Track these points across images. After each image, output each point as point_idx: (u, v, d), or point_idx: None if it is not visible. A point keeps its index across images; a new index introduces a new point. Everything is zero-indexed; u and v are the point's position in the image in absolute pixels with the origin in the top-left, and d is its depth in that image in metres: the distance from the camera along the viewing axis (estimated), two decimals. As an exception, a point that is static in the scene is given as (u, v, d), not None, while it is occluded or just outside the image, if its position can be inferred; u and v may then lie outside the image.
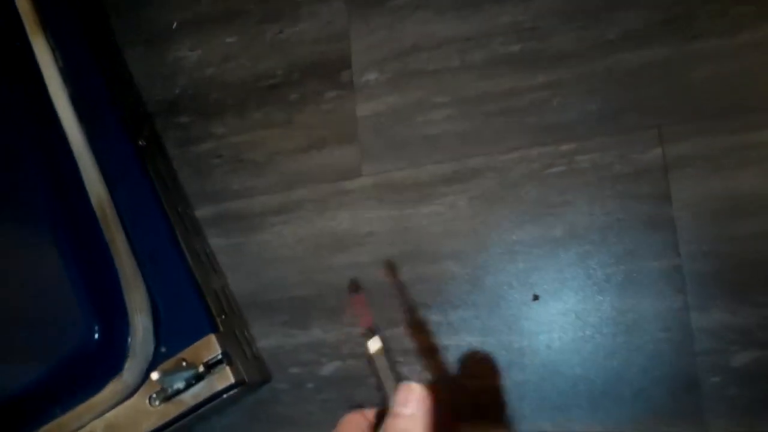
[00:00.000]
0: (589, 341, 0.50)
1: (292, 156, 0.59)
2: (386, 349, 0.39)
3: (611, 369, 0.50)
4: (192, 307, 0.52)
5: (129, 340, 0.51)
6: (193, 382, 0.50)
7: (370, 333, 0.41)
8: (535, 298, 0.51)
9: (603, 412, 0.49)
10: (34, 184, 0.55)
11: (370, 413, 0.39)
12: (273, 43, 0.61)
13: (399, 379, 0.36)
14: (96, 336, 0.51)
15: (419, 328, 0.53)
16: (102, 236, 0.53)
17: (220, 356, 0.50)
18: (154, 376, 0.47)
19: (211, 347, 0.50)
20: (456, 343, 0.52)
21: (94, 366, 0.51)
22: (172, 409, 0.50)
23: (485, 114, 0.54)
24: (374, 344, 0.40)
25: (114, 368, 0.51)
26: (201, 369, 0.49)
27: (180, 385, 0.49)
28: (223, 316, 0.53)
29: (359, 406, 0.53)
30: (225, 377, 0.50)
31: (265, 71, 0.61)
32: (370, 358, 0.40)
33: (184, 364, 0.49)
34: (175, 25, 0.64)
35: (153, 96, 0.64)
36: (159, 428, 0.50)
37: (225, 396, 0.50)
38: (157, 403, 0.50)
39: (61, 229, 0.53)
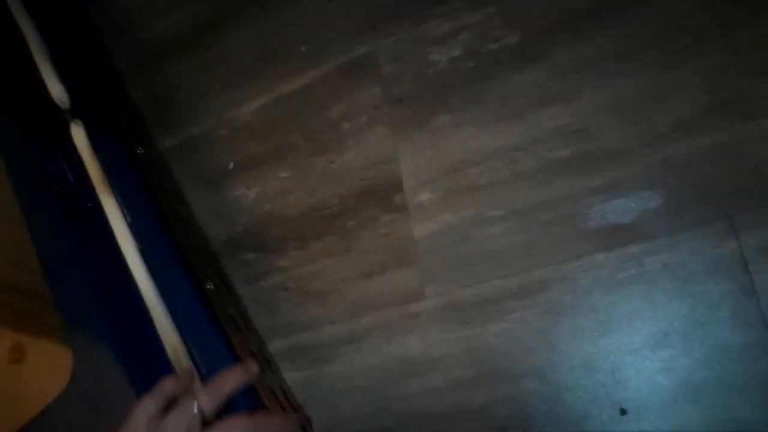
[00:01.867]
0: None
1: (354, 283, 0.59)
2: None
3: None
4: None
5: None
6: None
7: None
8: (623, 412, 0.48)
9: None
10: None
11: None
12: (325, 173, 0.62)
13: None
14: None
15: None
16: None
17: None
18: None
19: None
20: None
21: None
22: None
23: (543, 223, 0.53)
24: None
25: None
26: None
27: None
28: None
29: None
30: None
31: (321, 202, 0.62)
32: None
33: None
34: (231, 165, 0.67)
35: (217, 236, 0.67)
36: None
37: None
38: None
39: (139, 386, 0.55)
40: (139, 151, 0.65)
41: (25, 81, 0.65)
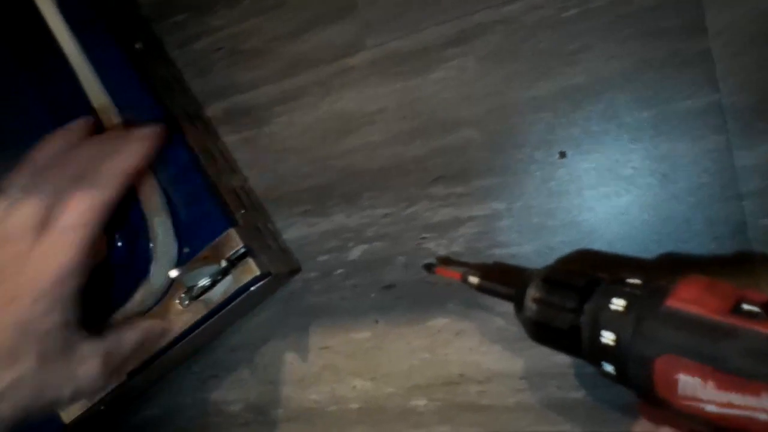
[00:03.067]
0: (623, 195, 0.47)
1: (289, 40, 0.55)
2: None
3: (649, 224, 0.46)
4: (208, 205, 0.51)
5: (150, 244, 0.51)
6: (219, 278, 0.50)
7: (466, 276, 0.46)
8: (562, 155, 0.48)
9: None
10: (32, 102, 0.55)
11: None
12: None
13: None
14: (118, 243, 0.52)
15: (441, 202, 0.51)
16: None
17: (242, 250, 0.49)
18: (173, 273, 0.47)
19: (232, 242, 0.50)
20: (482, 213, 0.50)
21: (121, 275, 0.52)
22: (202, 308, 0.50)
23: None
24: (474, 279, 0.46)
25: (140, 274, 0.51)
26: (223, 264, 0.49)
27: (206, 282, 0.49)
28: (243, 211, 0.53)
29: (392, 285, 0.53)
30: (250, 270, 0.49)
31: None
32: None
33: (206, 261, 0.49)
34: None
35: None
36: (192, 327, 0.51)
37: (253, 289, 0.50)
38: (186, 302, 0.50)
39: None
40: None
41: None
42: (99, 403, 0.53)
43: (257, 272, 0.49)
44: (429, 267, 0.50)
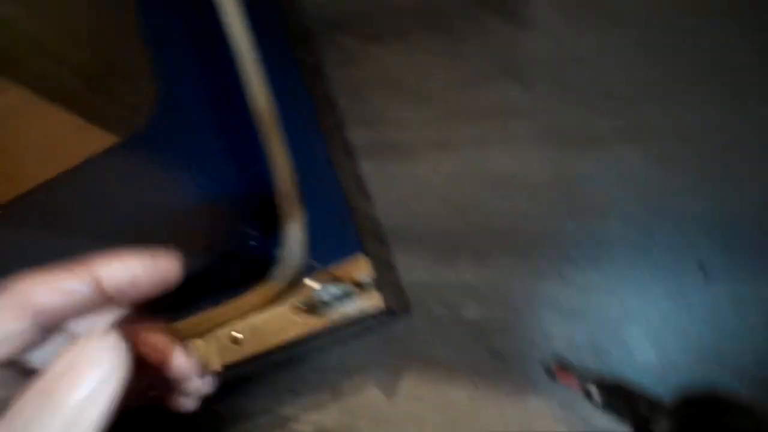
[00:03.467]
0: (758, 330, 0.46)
1: (456, 88, 0.57)
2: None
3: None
4: (344, 224, 0.52)
5: (281, 247, 0.52)
6: (341, 299, 0.50)
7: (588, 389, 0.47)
8: (702, 270, 0.47)
9: None
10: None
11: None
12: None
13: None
14: (251, 240, 0.53)
15: (572, 286, 0.51)
16: (259, 144, 0.55)
17: (369, 279, 0.50)
18: (309, 282, 0.48)
19: (361, 268, 0.50)
20: (615, 311, 0.49)
21: (246, 268, 0.53)
22: (317, 323, 0.51)
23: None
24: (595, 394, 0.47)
25: (264, 272, 0.52)
26: (352, 287, 0.49)
27: (328, 298, 0.50)
28: (377, 242, 0.53)
29: (500, 353, 0.52)
30: (374, 301, 0.50)
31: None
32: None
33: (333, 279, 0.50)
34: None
35: (315, 12, 0.64)
36: (300, 340, 0.51)
37: (369, 320, 0.50)
38: (303, 312, 0.51)
39: (223, 138, 0.55)
40: None
41: None
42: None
43: (381, 305, 0.49)
44: (549, 371, 0.50)
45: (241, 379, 0.61)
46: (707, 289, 0.47)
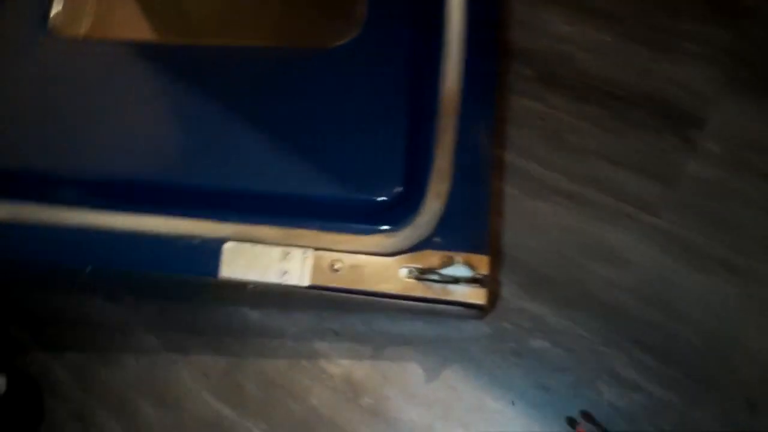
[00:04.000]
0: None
1: (605, 161, 0.64)
2: None
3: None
4: (480, 221, 0.56)
5: (415, 214, 0.56)
6: (450, 282, 0.54)
7: None
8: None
9: None
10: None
11: None
12: (642, 64, 0.66)
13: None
14: (393, 194, 0.56)
15: (634, 363, 0.58)
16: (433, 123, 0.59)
17: (481, 276, 0.54)
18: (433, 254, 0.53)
19: (480, 264, 0.55)
20: (662, 395, 0.56)
21: (378, 215, 0.56)
22: (417, 290, 0.55)
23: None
24: None
25: (391, 226, 0.56)
26: (471, 274, 0.53)
27: (440, 277, 0.54)
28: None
29: (544, 386, 0.58)
30: (479, 296, 0.54)
31: (618, 82, 0.66)
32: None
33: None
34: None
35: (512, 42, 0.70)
36: (393, 297, 0.55)
37: (463, 311, 0.55)
38: (411, 276, 0.54)
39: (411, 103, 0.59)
40: None
41: None
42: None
43: (483, 302, 0.54)
44: (572, 421, 0.56)
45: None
46: None
